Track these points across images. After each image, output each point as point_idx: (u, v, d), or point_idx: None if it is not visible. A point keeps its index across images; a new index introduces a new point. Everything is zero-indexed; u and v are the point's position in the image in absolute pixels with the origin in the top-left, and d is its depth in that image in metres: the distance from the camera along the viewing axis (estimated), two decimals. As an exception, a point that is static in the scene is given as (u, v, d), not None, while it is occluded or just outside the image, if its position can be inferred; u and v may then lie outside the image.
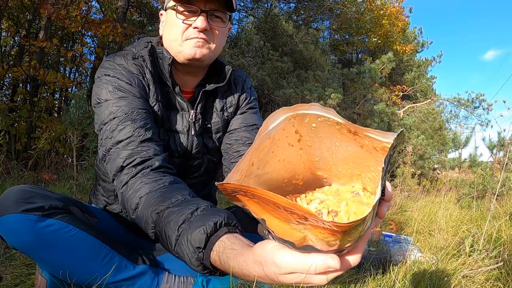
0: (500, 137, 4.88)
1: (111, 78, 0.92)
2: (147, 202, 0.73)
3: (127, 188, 0.79)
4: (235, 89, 1.10)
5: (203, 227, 0.60)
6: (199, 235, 0.59)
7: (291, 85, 5.74)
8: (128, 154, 0.82)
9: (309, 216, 0.37)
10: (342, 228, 0.36)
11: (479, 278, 1.19)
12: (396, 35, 9.52)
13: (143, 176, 0.78)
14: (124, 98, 0.89)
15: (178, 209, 0.67)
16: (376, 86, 6.90)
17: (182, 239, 0.62)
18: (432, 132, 6.77)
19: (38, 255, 0.92)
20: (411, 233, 2.07)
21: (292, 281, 0.46)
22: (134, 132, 0.84)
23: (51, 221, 0.90)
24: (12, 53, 5.83)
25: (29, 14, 4.78)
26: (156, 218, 0.69)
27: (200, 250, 0.59)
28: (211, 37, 0.96)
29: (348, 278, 1.17)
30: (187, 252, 0.60)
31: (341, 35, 9.73)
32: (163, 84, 1.00)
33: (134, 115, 0.87)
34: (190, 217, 0.64)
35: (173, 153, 1.01)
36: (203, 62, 0.98)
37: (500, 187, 2.98)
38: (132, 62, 0.95)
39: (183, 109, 1.02)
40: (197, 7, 0.93)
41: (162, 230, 0.67)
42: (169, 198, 0.71)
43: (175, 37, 0.95)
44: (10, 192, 0.90)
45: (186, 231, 0.62)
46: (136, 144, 0.83)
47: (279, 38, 6.38)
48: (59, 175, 3.35)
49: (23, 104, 4.86)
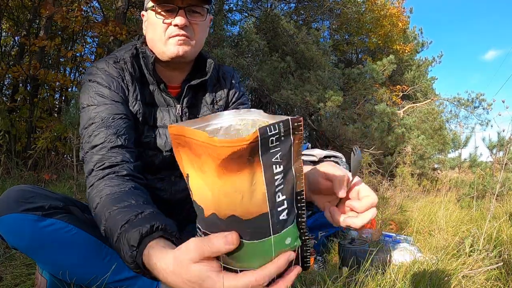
0: (500, 137, 4.88)
1: (92, 84, 0.97)
2: (105, 202, 0.78)
3: (92, 189, 0.84)
4: (224, 84, 1.13)
5: (140, 227, 0.64)
6: (135, 235, 0.63)
7: (291, 86, 5.74)
8: (98, 159, 0.87)
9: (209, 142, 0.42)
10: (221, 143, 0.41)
11: (479, 278, 1.19)
12: (396, 36, 9.51)
13: (108, 179, 0.83)
14: (102, 104, 0.93)
15: (127, 210, 0.72)
16: (377, 86, 6.90)
17: (121, 237, 0.66)
18: (432, 132, 6.76)
19: (38, 255, 0.92)
20: (411, 233, 2.07)
21: None
22: (107, 139, 0.89)
23: (51, 221, 0.90)
24: (12, 53, 5.83)
25: (29, 14, 4.78)
26: (108, 217, 0.73)
27: (134, 248, 0.62)
28: (192, 33, 0.98)
29: (348, 278, 1.17)
30: (124, 249, 0.64)
31: (341, 35, 9.72)
32: (148, 83, 1.03)
33: (110, 121, 0.92)
34: (134, 218, 0.68)
35: (161, 147, 1.03)
36: (186, 59, 1.01)
37: (500, 187, 2.98)
38: (113, 66, 0.99)
39: (170, 105, 1.05)
40: (174, 5, 0.95)
41: (109, 227, 0.72)
42: (123, 201, 0.76)
43: (158, 37, 0.97)
44: (10, 192, 0.90)
45: (126, 230, 0.66)
46: (107, 150, 0.88)
47: (280, 38, 6.38)
48: (59, 175, 3.35)
49: (23, 104, 4.86)
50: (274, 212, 0.47)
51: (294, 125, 0.44)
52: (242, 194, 0.45)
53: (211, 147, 0.42)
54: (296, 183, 0.48)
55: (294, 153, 0.46)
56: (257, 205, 0.45)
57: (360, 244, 1.45)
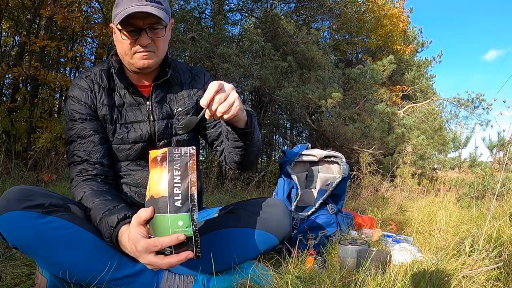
0: (500, 137, 4.88)
1: (70, 100, 1.19)
2: (88, 195, 1.05)
3: (76, 188, 1.10)
4: (198, 79, 1.32)
5: (117, 214, 0.95)
6: (113, 219, 0.94)
7: (293, 84, 5.74)
8: (79, 171, 1.14)
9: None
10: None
11: (479, 278, 1.19)
12: (397, 36, 9.51)
13: (88, 182, 1.11)
14: (78, 123, 1.16)
15: (106, 202, 1.01)
16: (377, 86, 6.90)
17: (103, 219, 0.96)
18: (432, 132, 6.76)
19: (38, 253, 0.93)
20: (411, 233, 2.07)
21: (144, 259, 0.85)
22: (83, 158, 1.14)
23: (52, 218, 0.91)
24: (12, 53, 5.83)
25: (30, 14, 4.78)
26: (92, 205, 1.02)
27: (112, 228, 0.93)
28: (154, 47, 1.14)
29: (348, 278, 1.17)
30: (104, 228, 0.95)
31: (341, 35, 9.71)
32: (117, 88, 1.22)
33: (84, 141, 1.15)
34: (112, 208, 0.98)
35: (137, 139, 1.19)
36: (152, 68, 1.18)
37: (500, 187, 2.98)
38: (84, 80, 1.19)
39: (140, 103, 1.21)
40: (137, 25, 1.08)
41: (93, 213, 1.00)
42: (103, 195, 1.05)
43: (125, 52, 1.13)
44: (11, 191, 0.91)
45: (107, 215, 0.96)
46: (84, 165, 1.14)
47: (280, 38, 6.38)
48: (59, 175, 3.35)
49: (23, 104, 4.87)
50: (171, 198, 0.80)
51: (190, 152, 0.82)
52: (156, 181, 0.82)
53: (151, 154, 0.84)
54: (190, 187, 0.81)
55: (190, 168, 0.82)
56: (162, 190, 0.81)
57: (360, 244, 1.45)
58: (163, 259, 0.83)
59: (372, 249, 1.40)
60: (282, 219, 1.15)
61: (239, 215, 1.16)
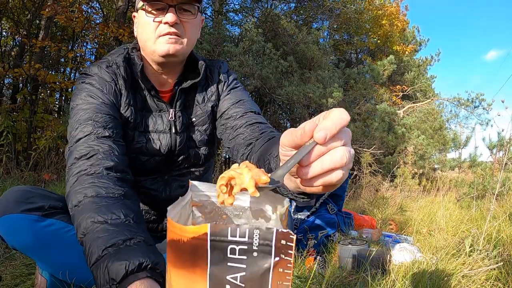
0: (500, 137, 4.88)
1: (85, 85, 0.95)
2: (89, 205, 0.72)
3: (76, 182, 0.78)
4: (211, 78, 1.09)
5: (127, 262, 0.58)
6: (119, 268, 0.58)
7: (294, 84, 5.74)
8: (84, 148, 0.83)
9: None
10: None
11: (479, 278, 1.19)
12: (395, 36, 9.51)
13: (96, 177, 0.78)
14: (92, 104, 0.91)
15: (114, 229, 0.66)
16: (377, 86, 6.90)
17: (102, 263, 0.61)
18: (432, 132, 6.76)
19: (38, 255, 0.92)
20: (411, 233, 2.07)
21: None
22: (94, 130, 0.85)
23: (51, 221, 0.90)
24: (12, 54, 5.83)
25: (30, 14, 4.78)
26: (90, 226, 0.68)
27: (113, 283, 0.58)
28: (183, 31, 0.96)
29: (348, 278, 1.17)
30: (101, 279, 0.60)
31: (341, 35, 9.72)
32: (139, 89, 1.02)
33: (98, 117, 0.89)
34: (121, 243, 0.63)
35: (155, 152, 1.01)
36: (178, 58, 0.98)
37: (500, 187, 2.98)
38: (105, 70, 0.97)
39: (162, 110, 1.03)
40: (165, 3, 0.93)
41: (89, 242, 0.65)
42: (111, 212, 0.69)
43: (148, 37, 0.95)
44: (10, 192, 0.90)
45: (109, 256, 0.61)
46: (93, 138, 0.84)
47: (280, 38, 6.38)
48: (59, 175, 3.35)
49: (23, 104, 4.87)
50: None
51: (281, 241, 0.29)
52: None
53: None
54: None
55: (272, 285, 0.31)
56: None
57: (360, 244, 1.45)
58: None
59: (372, 249, 1.40)
60: None
61: None
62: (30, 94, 4.56)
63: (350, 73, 6.25)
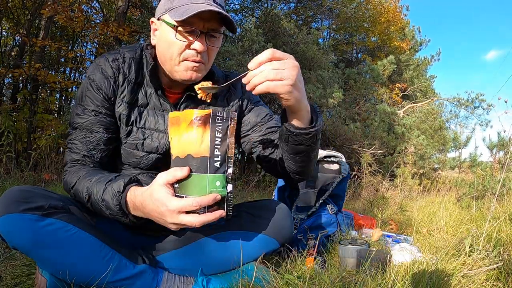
0: (500, 137, 4.88)
1: (88, 83, 1.03)
2: (82, 178, 0.95)
3: (69, 174, 1.01)
4: (234, 90, 1.15)
5: (122, 179, 0.89)
6: (119, 183, 0.88)
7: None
8: (76, 159, 1.03)
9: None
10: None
11: (479, 277, 1.19)
12: (394, 34, 9.53)
13: (83, 166, 1.02)
14: (89, 114, 1.02)
15: (105, 176, 0.93)
16: (377, 86, 6.90)
17: (107, 188, 0.89)
18: (432, 132, 6.76)
19: (38, 255, 0.92)
20: (411, 233, 2.07)
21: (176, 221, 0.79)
22: (84, 152, 1.02)
23: (51, 220, 0.90)
24: (12, 53, 5.83)
25: (30, 14, 4.78)
26: (89, 184, 0.92)
27: (119, 193, 0.87)
28: (206, 58, 0.99)
29: (348, 278, 1.17)
30: (110, 196, 0.88)
31: (341, 34, 9.72)
32: (144, 85, 1.06)
33: (92, 134, 1.02)
34: (114, 178, 0.91)
35: (152, 150, 1.06)
36: (196, 81, 1.01)
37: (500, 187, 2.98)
38: (109, 64, 1.02)
39: (165, 110, 1.06)
40: (196, 27, 0.94)
41: (93, 189, 0.91)
42: (97, 174, 0.95)
43: (172, 57, 0.97)
44: (10, 192, 0.90)
45: (111, 184, 0.89)
46: (81, 156, 1.03)
47: (280, 38, 6.38)
48: (59, 175, 3.35)
49: (23, 104, 4.87)
50: (212, 158, 0.80)
51: (231, 116, 0.81)
52: (197, 141, 0.79)
53: (188, 113, 0.80)
54: (228, 150, 0.82)
55: (229, 132, 0.81)
56: (203, 149, 0.80)
57: (360, 244, 1.45)
58: (198, 217, 0.78)
59: (372, 249, 1.40)
60: (284, 224, 1.13)
61: (241, 218, 1.13)
62: (30, 94, 4.56)
63: (350, 73, 6.25)
